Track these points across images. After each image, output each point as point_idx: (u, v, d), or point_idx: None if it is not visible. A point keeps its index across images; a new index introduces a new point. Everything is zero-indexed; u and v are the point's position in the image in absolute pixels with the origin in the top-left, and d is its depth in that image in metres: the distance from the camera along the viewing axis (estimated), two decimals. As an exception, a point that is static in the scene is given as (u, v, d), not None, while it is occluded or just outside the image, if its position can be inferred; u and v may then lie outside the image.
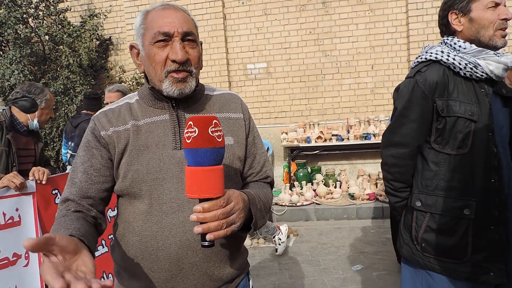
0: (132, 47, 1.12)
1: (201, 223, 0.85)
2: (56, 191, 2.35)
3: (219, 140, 0.85)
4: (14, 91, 2.47)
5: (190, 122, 0.84)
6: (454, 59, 1.43)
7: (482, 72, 1.41)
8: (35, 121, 2.44)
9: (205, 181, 0.83)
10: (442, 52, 1.46)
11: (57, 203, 2.33)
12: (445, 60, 1.44)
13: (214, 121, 0.85)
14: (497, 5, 1.41)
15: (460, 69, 1.42)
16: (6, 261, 2.04)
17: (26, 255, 2.15)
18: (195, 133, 0.83)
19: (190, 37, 1.04)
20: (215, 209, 0.85)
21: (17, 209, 2.12)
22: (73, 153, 3.82)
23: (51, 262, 0.68)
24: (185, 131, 0.85)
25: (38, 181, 2.21)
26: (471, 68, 1.40)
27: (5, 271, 2.02)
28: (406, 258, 1.54)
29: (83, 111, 3.80)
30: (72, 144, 3.76)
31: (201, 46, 1.14)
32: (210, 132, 0.83)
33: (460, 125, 1.39)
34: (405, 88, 1.49)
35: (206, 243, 0.86)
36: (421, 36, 5.69)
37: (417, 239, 1.47)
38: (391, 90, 5.93)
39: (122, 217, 1.11)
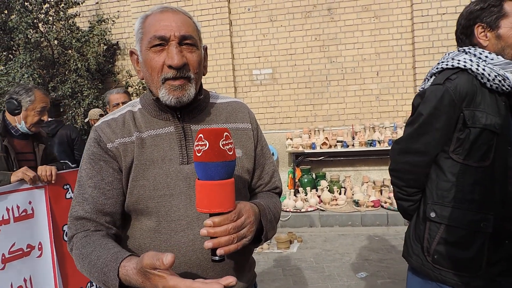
0: (132, 53, 1.07)
1: (212, 237, 0.83)
2: (68, 186, 2.40)
3: (230, 153, 0.82)
4: (7, 92, 2.35)
5: (201, 135, 0.81)
6: (484, 69, 1.37)
7: (509, 86, 1.37)
8: (22, 124, 2.31)
9: (216, 196, 0.81)
10: (471, 61, 1.40)
11: (68, 198, 2.38)
12: (475, 70, 1.38)
13: (225, 133, 0.82)
14: None
15: (488, 80, 1.37)
16: (21, 252, 2.10)
17: (39, 246, 2.21)
18: (205, 146, 0.80)
19: (188, 41, 0.97)
20: (226, 223, 0.83)
21: (30, 202, 2.18)
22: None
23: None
24: (195, 143, 0.82)
25: (46, 181, 2.23)
26: (500, 81, 1.36)
27: (19, 261, 2.09)
28: (415, 268, 1.49)
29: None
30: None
31: (206, 50, 1.08)
32: (221, 145, 0.80)
33: (485, 137, 1.35)
34: (432, 94, 1.42)
35: (217, 258, 0.83)
36: (426, 43, 5.70)
37: (428, 251, 1.42)
38: (396, 96, 5.94)
39: (127, 233, 1.06)
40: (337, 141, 5.69)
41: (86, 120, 4.39)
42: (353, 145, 5.63)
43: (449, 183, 1.40)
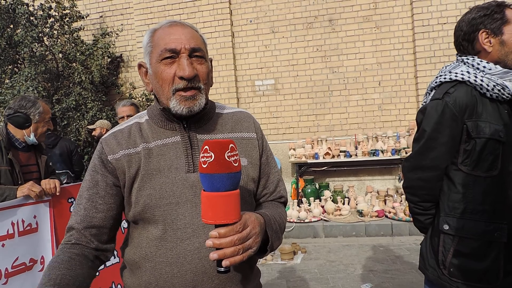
0: (140, 65, 1.09)
1: (217, 248, 0.83)
2: (72, 199, 2.41)
3: (236, 164, 0.83)
4: (7, 107, 2.38)
5: (206, 147, 0.82)
6: (482, 80, 1.40)
7: (509, 94, 1.39)
8: (32, 136, 2.37)
9: (221, 207, 0.82)
10: (468, 72, 1.43)
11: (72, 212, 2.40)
12: (472, 81, 1.41)
13: (231, 145, 0.83)
14: None
15: (487, 90, 1.40)
16: (23, 266, 2.10)
17: (41, 260, 2.21)
18: (211, 158, 0.81)
19: (198, 53, 1.01)
20: (231, 235, 0.83)
21: (35, 216, 2.19)
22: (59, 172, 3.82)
23: None
24: (201, 155, 0.83)
25: (51, 194, 2.25)
26: (499, 90, 1.38)
27: (21, 275, 2.08)
28: (432, 281, 1.49)
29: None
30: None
31: (211, 63, 1.11)
32: (226, 157, 0.81)
33: (490, 147, 1.36)
34: (433, 110, 1.44)
35: (222, 269, 0.84)
36: (427, 52, 5.72)
37: (444, 264, 1.42)
38: (399, 106, 5.95)
39: (134, 242, 1.07)
40: (340, 151, 5.68)
41: (91, 127, 4.45)
42: (356, 155, 5.62)
43: (459, 194, 1.41)
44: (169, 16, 6.39)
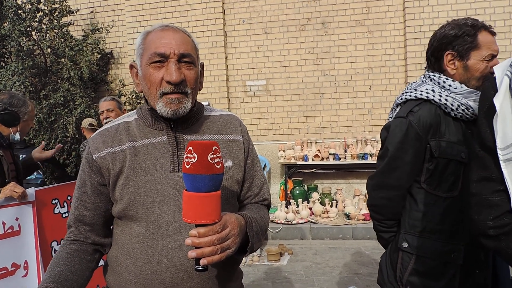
0: (131, 66, 1.13)
1: (196, 247, 0.85)
2: (56, 200, 2.35)
3: (218, 166, 0.85)
4: None
5: (190, 148, 0.84)
6: (446, 99, 1.38)
7: (473, 114, 1.37)
8: (18, 134, 2.31)
9: (202, 207, 0.84)
10: (433, 91, 1.41)
11: (56, 213, 2.34)
12: (437, 100, 1.39)
13: (214, 147, 0.85)
14: (493, 57, 1.39)
15: (452, 110, 1.38)
16: (5, 271, 2.02)
17: (25, 265, 2.13)
18: (194, 159, 0.83)
19: (186, 59, 1.03)
20: (210, 235, 0.85)
21: (17, 219, 2.11)
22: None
23: None
24: (185, 155, 0.85)
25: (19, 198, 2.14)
26: (463, 110, 1.37)
27: (3, 281, 2.00)
28: None
29: None
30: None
31: (202, 67, 1.14)
32: (209, 159, 0.83)
33: (452, 167, 1.36)
34: (397, 129, 1.43)
35: (200, 268, 0.86)
36: (418, 58, 5.77)
37: (401, 281, 1.41)
38: (389, 110, 5.97)
39: (116, 239, 1.10)
40: (329, 154, 5.70)
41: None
42: (345, 158, 5.65)
43: (420, 213, 1.40)
44: (161, 13, 6.34)
